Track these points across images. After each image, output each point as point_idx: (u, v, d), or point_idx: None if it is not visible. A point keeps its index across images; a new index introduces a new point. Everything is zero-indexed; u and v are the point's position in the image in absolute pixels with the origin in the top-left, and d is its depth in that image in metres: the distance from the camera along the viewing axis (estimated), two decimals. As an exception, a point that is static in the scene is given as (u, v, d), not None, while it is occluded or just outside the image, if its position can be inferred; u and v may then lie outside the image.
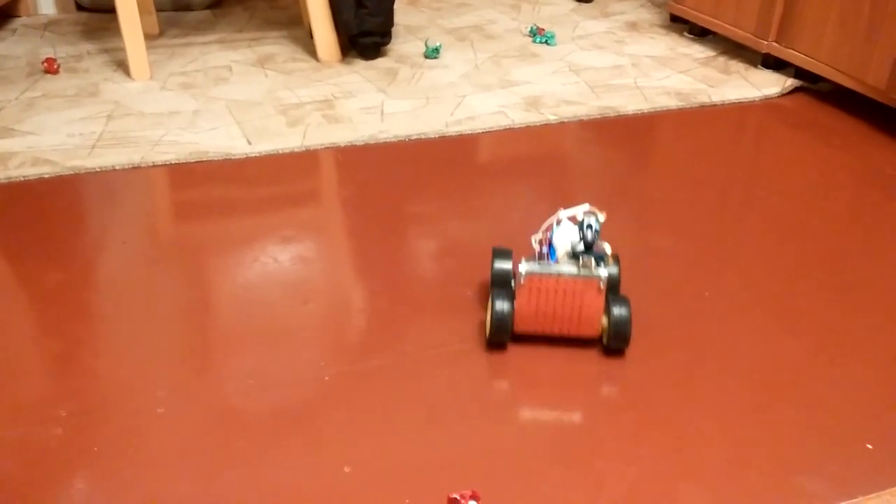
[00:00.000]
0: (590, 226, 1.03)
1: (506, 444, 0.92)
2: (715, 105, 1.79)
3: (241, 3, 2.35)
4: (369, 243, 1.30)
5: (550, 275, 1.03)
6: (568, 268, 1.03)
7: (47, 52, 1.97)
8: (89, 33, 2.11)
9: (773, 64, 1.93)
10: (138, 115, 1.68)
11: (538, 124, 1.69)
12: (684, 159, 1.58)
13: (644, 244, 1.31)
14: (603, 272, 1.02)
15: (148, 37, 1.96)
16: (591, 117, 1.72)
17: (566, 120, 1.71)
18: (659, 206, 1.42)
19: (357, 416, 0.96)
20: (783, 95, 1.84)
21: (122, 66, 1.89)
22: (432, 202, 1.41)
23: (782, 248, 1.30)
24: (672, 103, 1.79)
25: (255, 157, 1.54)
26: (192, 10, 2.28)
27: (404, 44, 2.09)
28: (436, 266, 1.24)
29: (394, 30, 2.02)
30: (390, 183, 1.47)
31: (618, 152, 1.60)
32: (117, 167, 1.49)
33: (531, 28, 2.17)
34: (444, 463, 0.89)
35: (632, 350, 1.06)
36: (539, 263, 1.04)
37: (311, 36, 1.98)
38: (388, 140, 1.61)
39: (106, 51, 1.99)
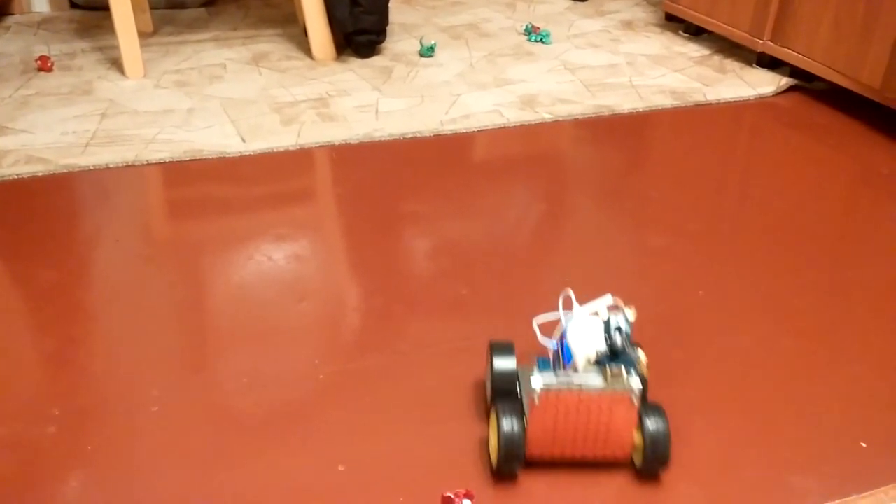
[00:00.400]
0: (619, 328, 0.83)
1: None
2: (710, 104, 1.80)
3: (235, 1, 2.34)
4: (364, 242, 1.29)
5: (571, 389, 0.83)
6: (592, 379, 0.83)
7: (41, 50, 1.96)
8: (83, 31, 2.11)
9: (769, 63, 1.93)
10: (132, 113, 1.67)
11: (533, 123, 1.69)
12: (679, 158, 1.58)
13: (639, 243, 1.31)
14: (636, 383, 0.83)
15: (142, 35, 1.96)
16: (587, 116, 1.72)
17: (561, 118, 1.71)
18: (653, 205, 1.41)
19: (352, 414, 0.95)
20: (778, 94, 1.84)
21: (116, 64, 1.88)
22: (427, 201, 1.41)
23: (777, 247, 1.30)
24: (667, 102, 1.79)
25: (250, 155, 1.54)
26: (186, 7, 2.27)
27: (399, 42, 2.08)
28: (431, 264, 1.24)
29: (388, 28, 2.01)
30: (385, 181, 1.46)
31: (613, 151, 1.60)
32: (111, 165, 1.48)
33: (526, 26, 2.17)
34: (438, 461, 0.89)
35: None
36: (555, 374, 0.84)
37: (305, 34, 1.98)
38: (383, 138, 1.60)
39: (100, 49, 1.99)
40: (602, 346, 0.84)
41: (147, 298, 1.15)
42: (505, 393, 0.90)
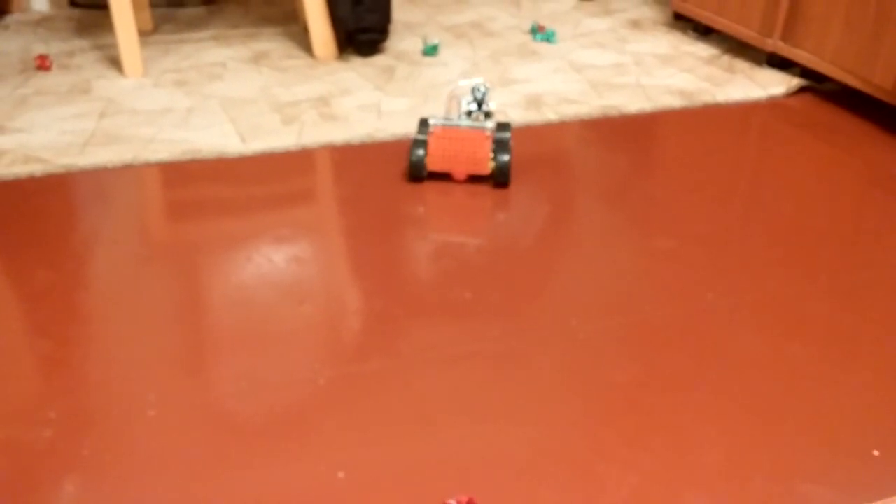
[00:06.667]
0: (478, 89, 1.41)
1: (504, 449, 0.90)
2: (719, 105, 1.77)
3: None
4: (365, 244, 1.27)
5: (451, 126, 1.41)
6: (464, 121, 1.42)
7: (40, 49, 1.95)
8: (82, 30, 2.09)
9: (779, 63, 1.91)
10: (131, 112, 1.66)
11: (539, 123, 1.67)
12: (688, 160, 1.56)
13: (646, 246, 1.29)
14: (490, 124, 1.41)
15: (141, 33, 1.95)
16: (593, 116, 1.70)
17: (567, 119, 1.69)
18: (661, 208, 1.39)
19: (352, 419, 0.93)
20: (789, 95, 1.82)
21: (116, 62, 1.86)
22: (430, 202, 1.39)
23: (787, 250, 1.28)
24: (675, 103, 1.76)
25: (250, 155, 1.52)
26: (185, 6, 2.26)
27: (402, 41, 2.06)
28: (434, 267, 1.22)
29: (391, 27, 2.00)
30: (387, 182, 1.45)
31: (620, 152, 1.58)
32: (109, 165, 1.46)
33: (532, 25, 2.15)
34: (440, 468, 0.87)
35: (644, 364, 1.04)
36: (444, 119, 1.42)
37: (306, 32, 1.96)
38: (386, 139, 1.58)
39: (99, 47, 1.97)
40: (470, 100, 1.43)
41: (145, 300, 1.13)
42: (419, 143, 1.41)
